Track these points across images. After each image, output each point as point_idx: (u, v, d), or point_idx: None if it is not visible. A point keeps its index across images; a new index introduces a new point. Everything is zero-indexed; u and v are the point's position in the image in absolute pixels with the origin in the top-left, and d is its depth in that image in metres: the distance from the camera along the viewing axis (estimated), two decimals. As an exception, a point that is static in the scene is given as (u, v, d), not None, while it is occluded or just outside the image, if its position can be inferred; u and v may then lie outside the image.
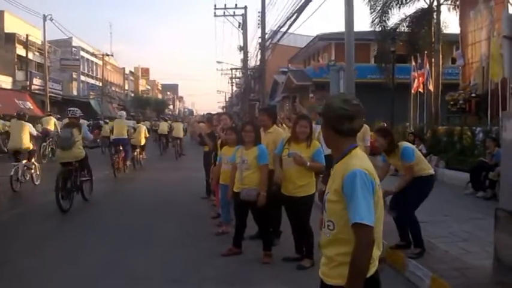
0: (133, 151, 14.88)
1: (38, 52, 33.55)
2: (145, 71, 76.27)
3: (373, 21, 19.28)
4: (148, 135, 16.88)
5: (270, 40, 26.90)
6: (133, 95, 65.94)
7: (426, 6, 18.53)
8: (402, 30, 19.50)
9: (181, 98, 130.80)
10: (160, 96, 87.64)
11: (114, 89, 55.75)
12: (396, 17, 20.07)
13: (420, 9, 18.83)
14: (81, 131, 8.71)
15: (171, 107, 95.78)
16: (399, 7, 19.01)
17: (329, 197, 2.20)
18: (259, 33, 27.62)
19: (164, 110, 70.13)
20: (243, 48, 33.50)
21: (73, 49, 43.14)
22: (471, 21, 14.94)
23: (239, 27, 32.08)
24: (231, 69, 52.65)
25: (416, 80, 16.59)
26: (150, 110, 63.21)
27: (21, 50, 31.67)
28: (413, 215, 5.23)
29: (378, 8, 19.03)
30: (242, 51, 34.16)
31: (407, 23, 19.22)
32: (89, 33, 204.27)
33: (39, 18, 29.94)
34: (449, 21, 40.81)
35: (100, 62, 48.50)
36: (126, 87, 64.23)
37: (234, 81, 58.67)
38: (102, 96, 46.36)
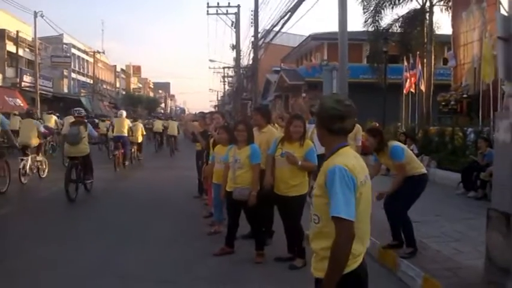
0: (130, 148, 15.40)
1: (28, 49, 33.20)
2: (137, 69, 75.88)
3: (366, 21, 19.40)
4: (145, 133, 17.55)
5: (263, 39, 26.89)
6: (124, 93, 65.56)
7: (419, 6, 18.65)
8: (395, 30, 19.62)
9: (173, 96, 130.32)
10: (152, 94, 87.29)
11: (105, 86, 55.41)
12: (389, 17, 20.19)
13: (413, 9, 18.97)
14: (87, 128, 9.48)
15: (163, 105, 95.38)
16: (392, 7, 19.14)
17: (315, 191, 2.29)
18: (252, 32, 27.66)
19: (156, 108, 69.86)
20: (236, 47, 33.45)
21: (64, 46, 42.76)
22: (463, 22, 15.08)
23: (232, 26, 32.04)
24: (224, 67, 52.70)
25: (408, 81, 16.64)
26: (142, 108, 62.97)
27: (11, 47, 31.33)
28: (406, 214, 5.25)
29: (371, 8, 19.14)
30: (235, 50, 34.12)
31: (399, 24, 19.34)
32: (80, 30, 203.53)
33: (30, 14, 29.86)
34: (442, 22, 41.21)
35: (91, 60, 48.22)
36: (118, 85, 63.82)
37: (226, 80, 58.63)
38: (93, 94, 46.08)
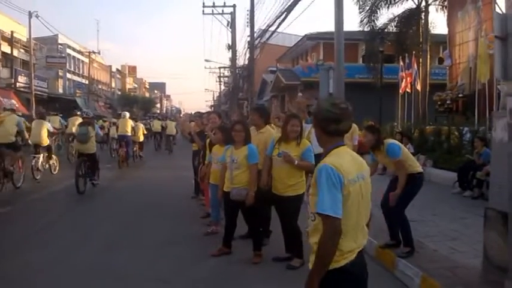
0: (133, 147, 16.42)
1: (23, 49, 32.99)
2: (133, 69, 75.59)
3: (361, 21, 19.44)
4: (146, 133, 18.70)
5: (259, 39, 26.87)
6: (120, 93, 65.35)
7: (414, 6, 18.73)
8: (390, 30, 19.67)
9: (169, 96, 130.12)
10: (147, 94, 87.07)
11: (100, 87, 55.21)
12: (385, 17, 20.35)
13: (408, 9, 19.03)
14: (95, 128, 10.42)
15: (159, 105, 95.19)
16: (388, 7, 19.24)
17: (310, 190, 2.38)
18: (248, 32, 27.61)
19: (151, 109, 69.70)
20: (232, 47, 33.37)
21: (59, 46, 42.56)
22: (459, 21, 15.12)
23: (228, 26, 31.97)
24: (219, 67, 52.64)
25: (404, 80, 16.69)
26: (137, 108, 62.78)
27: (5, 47, 31.11)
28: (403, 213, 5.25)
29: (367, 8, 19.19)
30: (230, 50, 34.05)
31: (395, 23, 19.41)
32: (75, 30, 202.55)
33: (25, 14, 29.59)
34: (437, 21, 41.39)
35: (86, 60, 48.00)
36: (113, 86, 63.61)
37: (222, 80, 58.59)
38: (89, 94, 45.88)
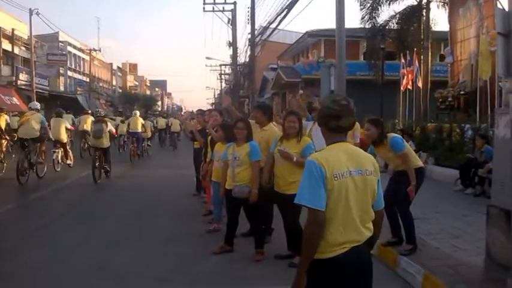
0: (142, 143, 17.82)
1: (24, 47, 32.97)
2: (133, 67, 75.54)
3: (363, 18, 19.36)
4: (153, 130, 20.46)
5: (260, 36, 26.82)
6: (121, 91, 65.33)
7: (416, 3, 18.65)
8: (392, 27, 19.59)
9: (170, 94, 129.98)
10: (148, 92, 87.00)
11: (101, 84, 55.20)
12: (386, 13, 20.19)
13: (410, 6, 18.96)
14: (108, 125, 11.60)
15: (160, 103, 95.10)
16: (389, 4, 19.17)
17: None
18: (249, 29, 27.55)
19: (152, 106, 69.62)
20: (232, 44, 33.31)
21: (60, 44, 42.49)
22: (460, 18, 15.08)
23: (228, 23, 31.89)
24: (220, 65, 52.53)
25: (405, 77, 16.65)
26: (138, 106, 62.73)
27: (6, 45, 31.09)
28: (408, 209, 5.23)
29: (368, 5, 19.12)
30: (231, 47, 33.99)
31: (396, 20, 19.33)
32: (76, 28, 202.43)
33: (26, 12, 29.53)
34: (439, 18, 41.37)
35: (87, 58, 47.95)
36: (114, 83, 63.60)
37: (223, 77, 58.52)
38: (90, 92, 45.86)
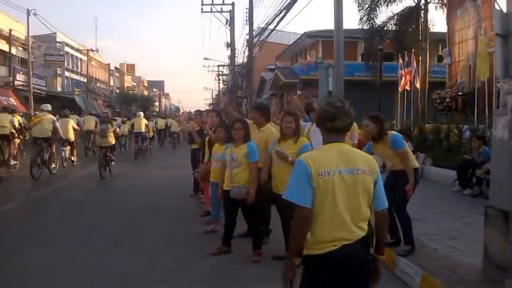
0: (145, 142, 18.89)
1: (21, 47, 32.92)
2: (131, 67, 75.32)
3: (361, 19, 19.38)
4: (154, 130, 21.79)
5: (258, 37, 26.81)
6: (118, 92, 65.25)
7: (414, 4, 18.68)
8: (390, 28, 19.61)
9: (168, 94, 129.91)
10: (146, 92, 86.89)
11: (99, 85, 55.11)
12: (384, 14, 20.22)
13: (408, 7, 18.97)
14: (113, 125, 12.80)
15: (157, 103, 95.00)
16: (387, 5, 19.17)
17: None
18: (247, 30, 27.56)
19: (150, 107, 69.55)
20: (230, 45, 33.34)
21: (57, 44, 42.44)
22: (458, 19, 15.10)
23: (226, 24, 31.92)
24: (218, 66, 52.53)
25: (403, 78, 16.65)
26: (136, 106, 62.66)
27: (4, 45, 31.06)
28: (405, 210, 5.21)
29: (366, 6, 19.14)
30: (229, 48, 34.02)
31: (394, 21, 19.35)
32: (73, 28, 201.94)
33: (23, 12, 29.50)
34: (437, 19, 41.47)
35: (85, 58, 47.91)
36: (112, 84, 63.51)
37: (221, 78, 58.52)
38: (87, 92, 45.78)
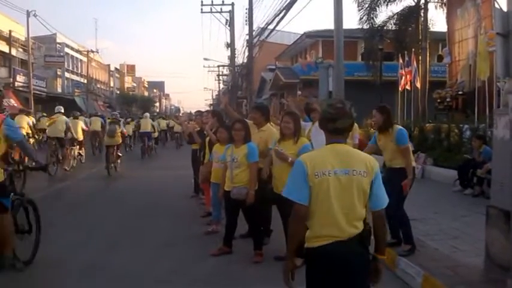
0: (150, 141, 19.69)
1: (21, 48, 32.93)
2: (131, 68, 75.34)
3: (360, 19, 19.38)
4: (159, 130, 23.01)
5: (258, 37, 26.80)
6: (118, 93, 65.23)
7: (413, 4, 18.67)
8: (390, 27, 19.60)
9: (168, 95, 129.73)
10: (146, 93, 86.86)
11: (99, 86, 55.11)
12: (384, 14, 20.23)
13: (408, 6, 18.97)
14: (120, 126, 14.14)
15: (158, 104, 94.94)
16: (387, 4, 19.17)
17: None
18: (247, 30, 27.55)
19: (150, 108, 69.51)
20: (230, 45, 33.31)
21: (57, 46, 42.46)
22: (458, 19, 15.09)
23: (226, 24, 31.91)
24: (218, 66, 52.45)
25: (403, 78, 16.65)
26: (136, 107, 62.68)
27: (4, 46, 31.05)
28: (402, 209, 5.19)
29: (366, 6, 19.13)
30: (229, 48, 33.99)
31: (394, 21, 19.34)
32: (73, 29, 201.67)
33: (23, 14, 29.54)
34: (437, 19, 41.44)
35: (85, 59, 47.91)
36: (112, 85, 63.50)
37: (221, 78, 58.46)
38: (87, 93, 45.78)
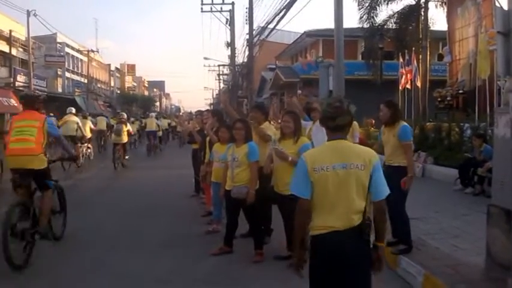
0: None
1: (21, 48, 32.92)
2: (132, 68, 75.36)
3: (361, 18, 19.32)
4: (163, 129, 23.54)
5: (258, 36, 26.78)
6: (119, 92, 65.28)
7: (414, 2, 18.62)
8: (390, 26, 19.56)
9: (168, 94, 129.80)
10: (146, 93, 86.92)
11: (99, 85, 55.15)
12: (384, 13, 20.16)
13: (408, 5, 18.93)
14: (127, 126, 15.19)
15: (158, 103, 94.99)
16: (387, 3, 19.12)
17: None
18: (247, 29, 27.51)
19: (150, 107, 69.56)
20: (231, 44, 33.27)
21: (58, 45, 42.50)
22: (458, 18, 15.08)
23: (226, 24, 31.87)
24: (219, 65, 52.48)
25: (404, 77, 16.61)
26: (137, 107, 62.72)
27: (4, 46, 31.04)
28: (403, 208, 5.18)
29: (366, 5, 19.08)
30: (229, 48, 33.96)
31: (395, 20, 19.30)
32: (74, 29, 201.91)
33: (23, 13, 29.55)
34: (437, 18, 41.37)
35: (85, 59, 47.94)
36: (112, 84, 63.54)
37: (221, 78, 58.49)
38: (88, 93, 45.80)
